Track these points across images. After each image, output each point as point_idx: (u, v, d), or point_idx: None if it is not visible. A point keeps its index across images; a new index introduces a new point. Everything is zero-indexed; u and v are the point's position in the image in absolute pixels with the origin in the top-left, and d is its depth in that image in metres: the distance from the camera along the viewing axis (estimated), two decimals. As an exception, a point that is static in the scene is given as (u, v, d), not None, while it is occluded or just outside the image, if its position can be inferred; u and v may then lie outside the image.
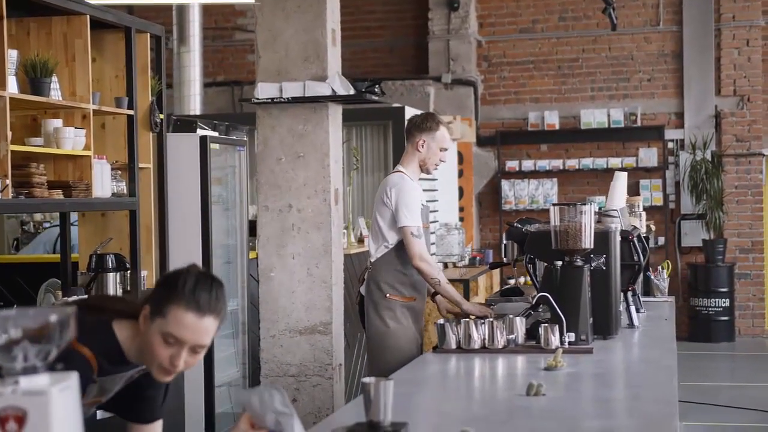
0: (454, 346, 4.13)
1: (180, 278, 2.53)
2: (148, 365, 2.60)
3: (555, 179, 12.41)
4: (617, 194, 5.37)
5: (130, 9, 12.29)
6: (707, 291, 11.79)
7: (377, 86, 5.57)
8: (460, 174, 12.01)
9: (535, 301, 4.31)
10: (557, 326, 4.07)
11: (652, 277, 6.21)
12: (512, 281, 9.78)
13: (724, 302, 11.78)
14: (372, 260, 5.11)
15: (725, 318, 11.80)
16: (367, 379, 2.61)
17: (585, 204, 4.31)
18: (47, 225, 7.69)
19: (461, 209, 11.99)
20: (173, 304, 2.50)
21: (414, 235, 4.93)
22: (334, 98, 5.33)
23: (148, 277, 5.76)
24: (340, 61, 5.56)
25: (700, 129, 12.10)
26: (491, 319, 4.21)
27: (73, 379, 1.76)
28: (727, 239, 11.99)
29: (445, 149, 5.15)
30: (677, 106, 12.29)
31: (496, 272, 10.32)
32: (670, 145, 12.28)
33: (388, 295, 5.03)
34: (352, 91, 5.36)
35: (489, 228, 12.63)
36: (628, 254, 4.88)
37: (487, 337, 4.11)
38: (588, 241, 4.27)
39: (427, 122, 5.15)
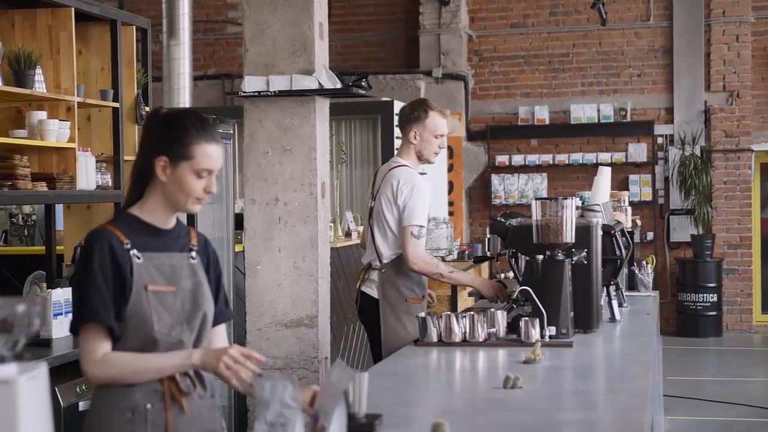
0: (435, 340, 4.14)
1: (185, 123, 2.75)
2: (181, 206, 2.78)
3: (545, 174, 12.43)
4: (601, 189, 5.40)
5: (120, 2, 12.29)
6: (695, 286, 11.83)
7: (364, 80, 5.55)
8: (450, 168, 12.03)
9: (516, 295, 4.33)
10: (538, 320, 4.09)
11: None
12: (502, 275, 9.80)
13: (712, 297, 11.82)
14: (384, 261, 4.93)
15: (713, 313, 11.84)
16: (341, 371, 2.62)
17: (566, 198, 4.32)
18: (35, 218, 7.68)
19: (451, 203, 12.02)
20: (195, 144, 2.73)
21: (413, 235, 4.80)
22: (321, 92, 5.33)
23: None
24: (327, 54, 5.55)
25: (690, 124, 12.13)
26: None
27: (41, 369, 1.78)
28: (715, 234, 12.03)
29: (441, 135, 4.96)
30: (667, 101, 12.32)
31: (486, 266, 10.34)
32: (660, 140, 12.32)
33: (408, 299, 4.91)
34: (338, 85, 5.33)
35: (479, 222, 12.65)
36: (610, 249, 4.89)
37: (468, 330, 4.12)
38: (569, 236, 4.28)
39: (414, 112, 4.97)
